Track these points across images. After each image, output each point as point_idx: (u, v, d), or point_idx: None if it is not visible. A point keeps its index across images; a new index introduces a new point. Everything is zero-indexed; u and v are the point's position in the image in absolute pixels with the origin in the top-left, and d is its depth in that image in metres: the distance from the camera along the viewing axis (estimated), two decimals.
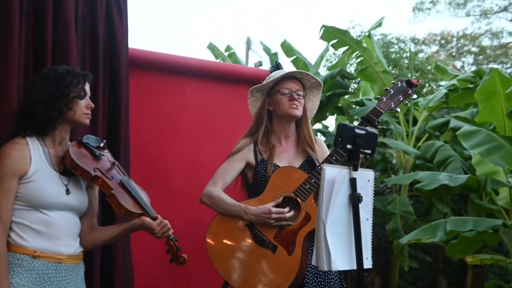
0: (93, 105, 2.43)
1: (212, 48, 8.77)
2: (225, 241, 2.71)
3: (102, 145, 2.47)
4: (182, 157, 3.65)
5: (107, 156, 2.48)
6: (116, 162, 2.49)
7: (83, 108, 2.37)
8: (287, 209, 2.65)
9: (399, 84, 2.74)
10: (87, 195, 2.48)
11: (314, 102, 3.03)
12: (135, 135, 3.35)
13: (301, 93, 2.85)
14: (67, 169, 2.33)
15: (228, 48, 8.97)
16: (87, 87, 2.41)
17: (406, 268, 6.53)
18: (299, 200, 2.68)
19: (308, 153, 2.87)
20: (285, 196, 2.70)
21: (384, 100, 2.71)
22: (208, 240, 2.73)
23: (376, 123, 2.67)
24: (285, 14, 38.92)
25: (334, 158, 2.65)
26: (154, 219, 2.40)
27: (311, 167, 2.82)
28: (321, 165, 2.64)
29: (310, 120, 3.00)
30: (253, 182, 2.86)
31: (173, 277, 3.55)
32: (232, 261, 2.67)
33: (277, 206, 2.67)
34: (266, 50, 8.69)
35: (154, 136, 3.57)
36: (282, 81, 2.86)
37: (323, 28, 7.01)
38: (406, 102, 2.74)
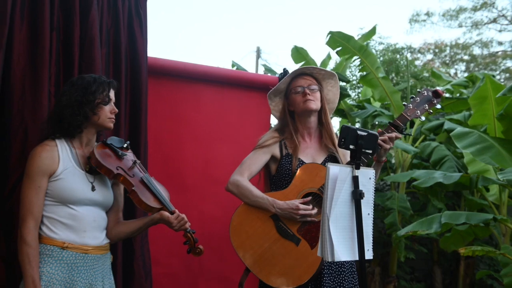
0: (116, 110, 2.44)
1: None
2: (249, 230, 2.63)
3: (125, 145, 2.48)
4: (196, 157, 3.65)
5: (129, 155, 2.48)
6: (138, 161, 2.50)
7: (107, 113, 2.38)
8: (311, 206, 2.58)
9: (425, 93, 2.61)
10: (113, 192, 2.48)
11: (334, 92, 2.90)
12: (154, 136, 3.36)
13: (314, 87, 2.76)
14: (92, 168, 2.34)
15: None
16: (111, 94, 2.42)
17: (403, 259, 6.53)
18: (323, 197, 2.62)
19: (330, 149, 2.79)
20: (309, 192, 2.64)
21: (411, 107, 2.58)
22: (232, 229, 2.64)
23: (403, 129, 2.56)
24: (294, 23, 38.90)
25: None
26: (172, 213, 2.39)
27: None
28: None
29: (330, 114, 2.90)
30: (276, 174, 2.77)
31: (188, 266, 3.55)
32: (254, 250, 2.60)
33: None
34: (268, 69, 8.61)
35: (171, 137, 3.57)
36: (294, 80, 2.79)
37: (329, 35, 6.91)
38: (431, 111, 2.61)
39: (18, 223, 2.22)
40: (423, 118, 2.61)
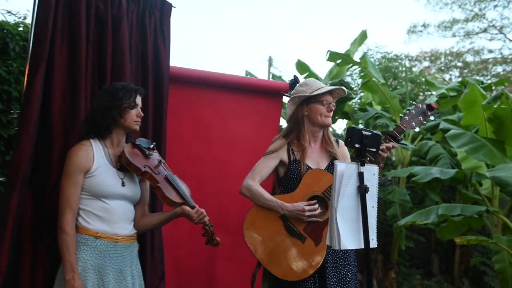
0: (142, 114, 2.46)
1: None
2: (260, 228, 2.66)
3: (152, 146, 2.50)
4: (214, 156, 3.66)
5: (155, 155, 2.50)
6: (163, 160, 2.51)
7: (134, 116, 2.40)
8: (317, 206, 2.60)
9: (420, 106, 2.62)
10: (140, 187, 2.50)
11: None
12: (176, 137, 3.38)
13: (333, 104, 2.78)
14: (122, 165, 2.37)
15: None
16: (138, 99, 2.44)
17: (403, 247, 6.50)
18: (326, 200, 2.63)
19: (331, 153, 2.78)
20: (314, 195, 2.65)
21: (407, 119, 2.59)
22: (246, 227, 2.67)
23: (400, 139, 2.58)
24: (299, 36, 38.84)
25: (368, 159, 2.49)
26: (193, 208, 2.41)
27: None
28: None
29: None
30: (284, 177, 2.76)
31: (207, 248, 3.54)
32: (266, 245, 2.62)
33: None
34: (277, 77, 8.65)
35: (192, 138, 3.59)
36: (325, 93, 2.76)
37: (328, 52, 7.06)
38: (425, 122, 2.63)
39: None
40: (417, 129, 2.61)
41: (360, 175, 1.98)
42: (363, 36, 7.75)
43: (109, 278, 2.25)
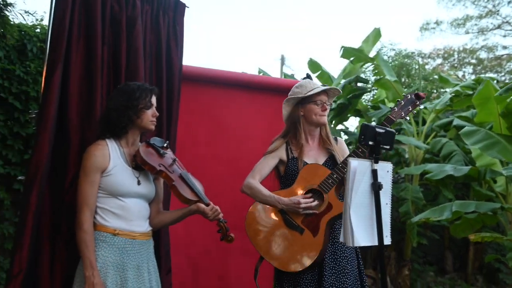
0: (157, 114, 2.47)
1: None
2: (261, 223, 2.75)
3: (165, 145, 2.51)
4: (227, 154, 3.67)
5: (169, 154, 2.51)
6: (177, 159, 2.52)
7: (149, 116, 2.41)
8: (311, 199, 2.66)
9: (409, 97, 2.68)
10: (155, 185, 2.51)
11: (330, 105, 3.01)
12: (190, 135, 3.39)
13: (328, 103, 2.86)
14: (138, 164, 2.38)
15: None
16: (153, 99, 2.45)
17: (415, 244, 6.49)
18: (322, 192, 2.69)
19: (329, 150, 2.86)
20: (311, 188, 2.71)
21: (396, 110, 2.66)
22: (247, 223, 2.77)
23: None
24: (312, 34, 38.67)
25: (360, 150, 2.61)
26: (207, 205, 2.42)
27: (334, 163, 2.81)
28: (346, 160, 2.64)
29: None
30: (284, 175, 2.85)
31: (219, 245, 3.55)
32: (266, 239, 2.70)
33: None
34: (289, 76, 8.64)
35: (204, 136, 3.61)
36: (318, 93, 2.83)
37: (342, 48, 7.06)
38: (414, 111, 2.71)
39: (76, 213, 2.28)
40: (407, 118, 2.67)
41: (374, 173, 1.97)
42: (376, 34, 7.69)
43: (128, 275, 2.26)
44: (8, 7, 4.04)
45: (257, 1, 41.12)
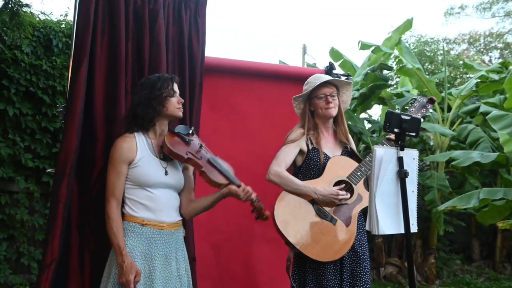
0: (182, 100, 2.47)
1: None
2: (291, 214, 2.71)
3: (190, 131, 2.49)
4: (247, 143, 3.67)
5: (195, 140, 2.50)
6: (203, 144, 2.51)
7: (175, 103, 2.42)
8: (344, 192, 2.68)
9: (421, 100, 2.74)
10: (184, 174, 2.53)
11: (347, 95, 3.00)
12: (211, 125, 3.40)
13: (334, 94, 2.84)
14: (165, 155, 2.39)
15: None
16: (175, 87, 2.46)
17: (441, 232, 6.41)
18: (351, 184, 2.71)
19: (345, 143, 2.89)
20: (340, 180, 2.72)
21: (412, 111, 2.70)
22: (276, 214, 2.70)
23: None
24: (334, 23, 38.26)
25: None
26: (239, 186, 2.41)
27: (350, 156, 2.85)
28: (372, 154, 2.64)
29: (344, 115, 2.99)
30: (303, 165, 2.83)
31: (242, 232, 3.67)
32: (298, 230, 2.67)
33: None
34: (311, 66, 8.58)
35: (226, 126, 3.61)
36: (318, 87, 2.84)
37: (360, 42, 7.14)
38: (426, 114, 2.77)
39: (104, 203, 2.33)
40: (422, 119, 2.69)
41: (400, 160, 1.95)
42: (407, 24, 7.56)
43: (156, 264, 2.30)
44: (24, 7, 4.11)
45: None
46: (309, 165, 2.81)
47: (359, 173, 2.70)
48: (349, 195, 2.70)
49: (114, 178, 2.30)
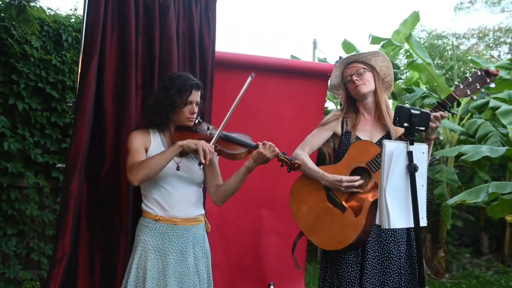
0: (195, 110, 2.42)
1: None
2: (304, 197, 2.68)
3: (197, 122, 2.48)
4: (259, 134, 3.66)
5: (203, 125, 2.50)
6: (211, 126, 2.51)
7: (186, 113, 2.38)
8: (357, 177, 2.54)
9: (479, 73, 2.41)
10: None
11: (386, 66, 2.78)
12: (221, 119, 3.39)
13: (361, 70, 2.69)
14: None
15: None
16: (193, 95, 2.40)
17: (449, 226, 6.38)
18: (370, 171, 2.55)
19: (387, 127, 2.68)
20: (359, 166, 2.59)
21: (461, 87, 2.42)
22: (292, 196, 2.71)
23: (449, 108, 2.41)
24: (345, 16, 38.00)
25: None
26: (257, 147, 2.37)
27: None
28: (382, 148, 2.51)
29: (391, 86, 2.82)
30: (337, 149, 2.77)
31: (252, 225, 3.73)
32: (308, 215, 2.64)
33: (352, 174, 2.58)
34: (322, 60, 8.57)
35: (237, 121, 3.60)
36: (344, 71, 2.77)
37: (371, 37, 7.20)
38: (483, 90, 2.43)
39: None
40: (474, 97, 2.43)
41: (409, 154, 1.94)
42: (415, 18, 7.49)
43: (170, 259, 2.30)
44: (31, 2, 4.11)
45: None
46: (341, 149, 2.72)
47: (379, 160, 2.48)
48: (357, 182, 2.52)
49: (135, 155, 2.29)
